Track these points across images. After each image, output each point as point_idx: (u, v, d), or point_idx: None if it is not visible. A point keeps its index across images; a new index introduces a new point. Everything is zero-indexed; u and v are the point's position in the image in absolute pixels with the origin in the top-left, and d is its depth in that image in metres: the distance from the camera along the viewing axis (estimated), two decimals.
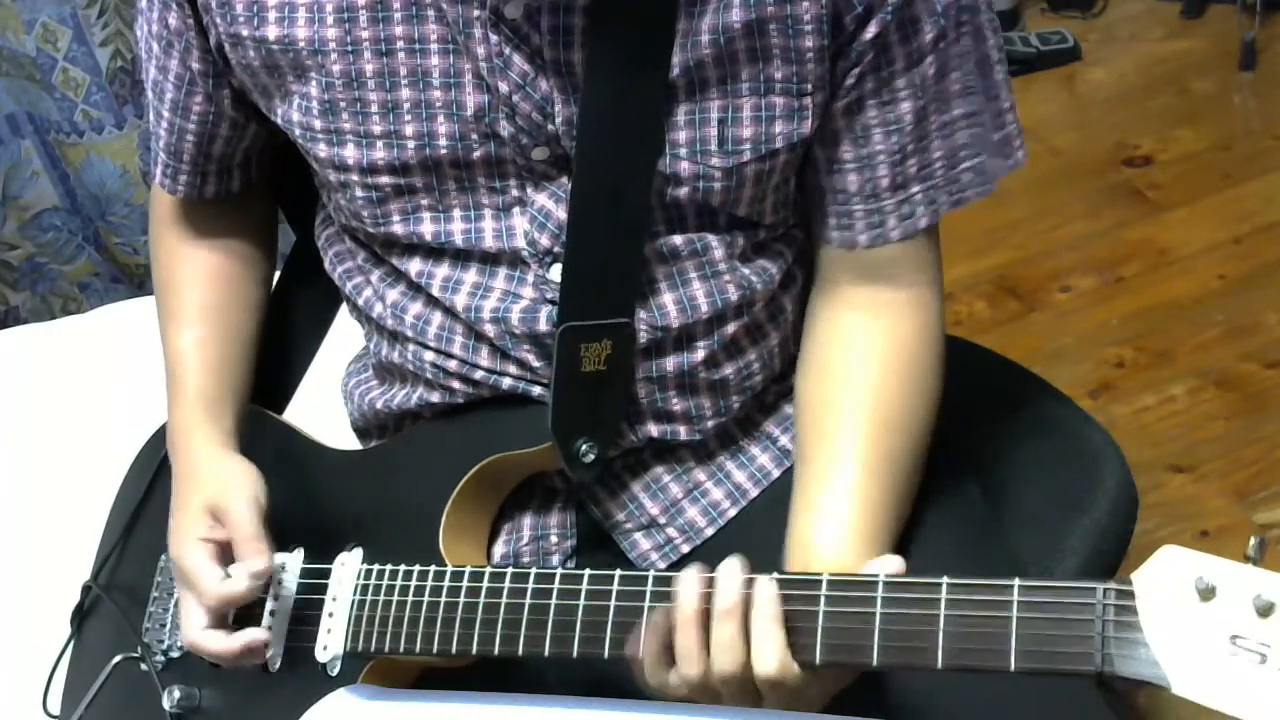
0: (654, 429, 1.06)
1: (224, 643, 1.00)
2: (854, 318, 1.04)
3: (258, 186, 1.18)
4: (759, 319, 1.07)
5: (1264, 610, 0.72)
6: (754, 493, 1.10)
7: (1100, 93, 2.82)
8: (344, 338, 1.25)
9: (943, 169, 1.00)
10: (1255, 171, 2.52)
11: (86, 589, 1.21)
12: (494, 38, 0.93)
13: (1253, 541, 0.74)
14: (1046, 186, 2.57)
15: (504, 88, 0.95)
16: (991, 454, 1.22)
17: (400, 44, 0.96)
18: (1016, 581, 0.79)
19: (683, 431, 1.07)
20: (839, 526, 0.99)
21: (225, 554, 1.02)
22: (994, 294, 2.35)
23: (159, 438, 1.23)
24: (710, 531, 1.09)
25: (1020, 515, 1.18)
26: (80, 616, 1.20)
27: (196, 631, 1.01)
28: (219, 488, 1.04)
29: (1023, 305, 2.33)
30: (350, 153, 0.99)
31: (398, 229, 1.02)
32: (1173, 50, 2.88)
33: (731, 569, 0.87)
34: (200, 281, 1.16)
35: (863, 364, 1.03)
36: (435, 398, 1.08)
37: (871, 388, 1.02)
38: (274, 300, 1.24)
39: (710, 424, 1.07)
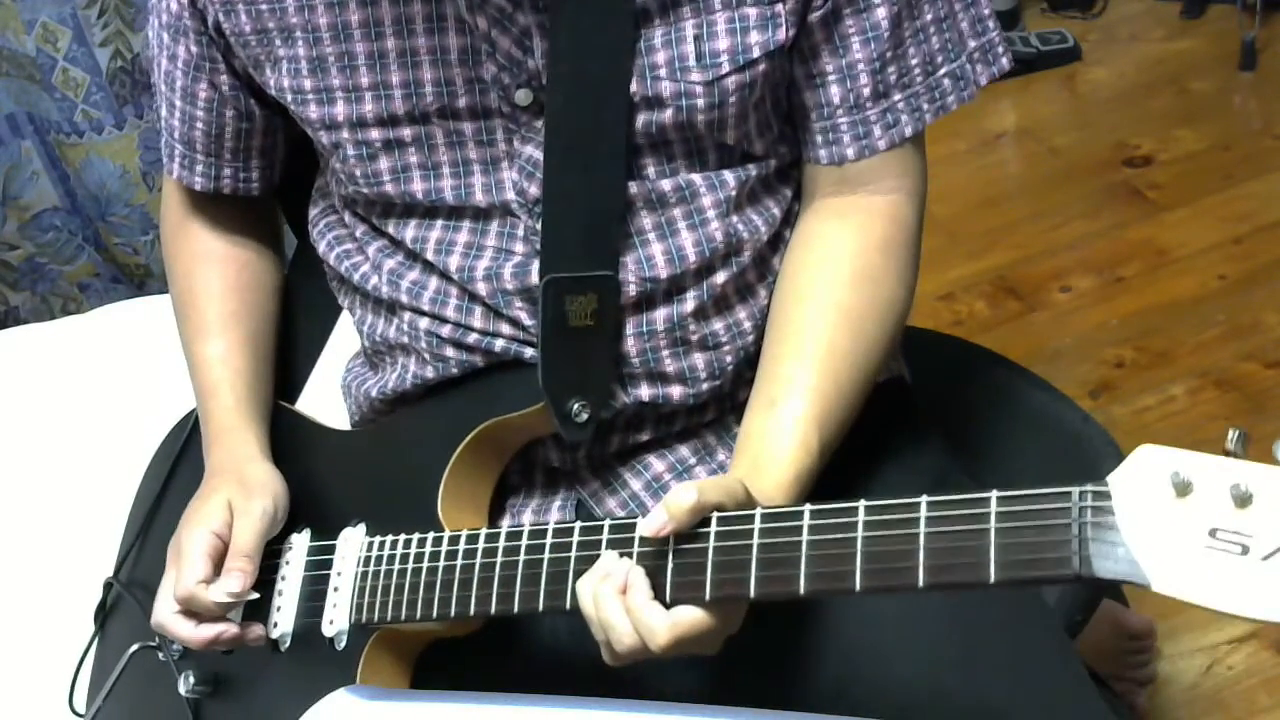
0: (646, 391, 1.06)
1: (190, 631, 1.03)
2: (826, 225, 1.05)
3: (266, 200, 1.21)
4: (748, 277, 1.07)
5: (1242, 500, 0.68)
6: None
7: (1100, 93, 2.82)
8: (345, 344, 1.25)
9: (921, 75, 1.02)
10: (1255, 171, 2.52)
11: (108, 585, 1.23)
12: None
13: (1233, 434, 0.71)
14: (1046, 186, 2.57)
15: (483, 24, 0.98)
16: (991, 453, 1.22)
17: None
18: (994, 493, 0.78)
19: (675, 394, 1.06)
20: (791, 417, 0.99)
21: (224, 556, 1.04)
22: (994, 294, 2.35)
23: (176, 432, 1.26)
24: None
25: None
26: (104, 613, 1.22)
27: (167, 613, 1.04)
28: (245, 490, 1.07)
29: (1023, 305, 2.34)
30: (340, 109, 1.03)
31: (389, 188, 1.05)
32: (1173, 50, 2.88)
33: (609, 558, 0.89)
34: (221, 291, 1.19)
35: (825, 267, 1.04)
36: (429, 372, 1.08)
37: (830, 291, 1.03)
38: None
39: (705, 386, 1.07)
